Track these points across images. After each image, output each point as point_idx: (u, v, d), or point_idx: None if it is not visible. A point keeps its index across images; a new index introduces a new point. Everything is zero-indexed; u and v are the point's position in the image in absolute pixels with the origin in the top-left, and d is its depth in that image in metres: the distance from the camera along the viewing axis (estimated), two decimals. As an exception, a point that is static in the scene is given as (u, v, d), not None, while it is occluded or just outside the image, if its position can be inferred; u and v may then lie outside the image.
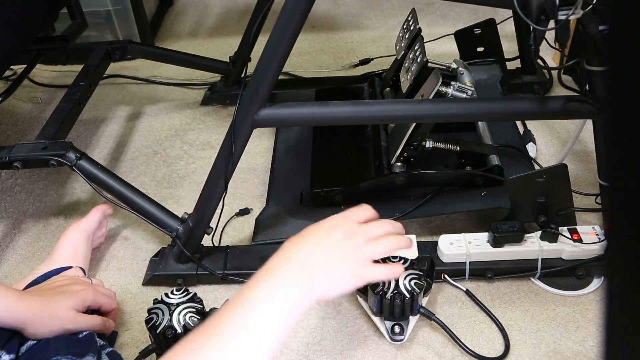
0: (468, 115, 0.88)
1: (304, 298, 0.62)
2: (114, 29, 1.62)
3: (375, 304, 0.82)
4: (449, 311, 0.87)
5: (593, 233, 0.89)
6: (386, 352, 0.82)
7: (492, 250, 0.88)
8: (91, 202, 1.12)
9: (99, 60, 1.22)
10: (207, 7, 1.89)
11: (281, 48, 0.75)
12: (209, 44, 1.67)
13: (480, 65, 1.24)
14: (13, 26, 1.00)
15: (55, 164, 0.91)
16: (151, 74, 1.52)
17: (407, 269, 0.83)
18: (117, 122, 1.36)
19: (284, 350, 0.83)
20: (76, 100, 1.07)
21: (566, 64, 0.85)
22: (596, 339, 0.82)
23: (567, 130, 1.21)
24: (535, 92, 1.30)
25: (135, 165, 1.22)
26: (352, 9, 1.79)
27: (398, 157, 0.96)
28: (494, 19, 1.20)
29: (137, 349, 0.82)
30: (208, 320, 0.58)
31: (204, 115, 1.36)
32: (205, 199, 0.87)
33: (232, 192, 1.10)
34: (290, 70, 1.48)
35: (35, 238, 1.06)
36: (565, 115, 0.86)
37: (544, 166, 1.09)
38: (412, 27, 1.05)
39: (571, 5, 0.66)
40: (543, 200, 0.89)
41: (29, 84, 1.48)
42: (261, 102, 0.79)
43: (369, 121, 1.03)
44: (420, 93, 0.92)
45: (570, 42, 1.06)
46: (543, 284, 0.90)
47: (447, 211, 0.98)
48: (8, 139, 1.32)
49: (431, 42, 1.30)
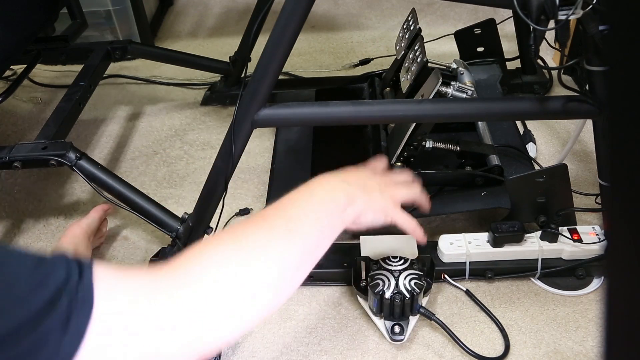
0: (468, 115, 0.88)
1: (344, 208, 0.63)
2: (114, 29, 1.62)
3: (375, 304, 0.82)
4: (449, 311, 0.87)
5: (593, 233, 0.89)
6: (386, 352, 0.82)
7: (492, 250, 0.88)
8: (91, 202, 1.12)
9: (99, 60, 1.22)
10: (207, 7, 1.89)
11: (281, 48, 0.75)
12: (209, 44, 1.67)
13: (480, 65, 1.24)
14: (13, 26, 1.00)
15: (55, 164, 0.91)
16: (151, 74, 1.52)
17: (407, 269, 0.84)
18: (117, 122, 1.36)
19: (283, 351, 0.83)
20: (76, 100, 1.07)
21: (566, 64, 0.85)
22: (596, 339, 0.82)
23: (567, 130, 1.21)
24: (535, 92, 1.30)
25: (135, 165, 1.22)
26: (352, 9, 1.79)
27: (398, 157, 0.96)
28: (494, 19, 1.20)
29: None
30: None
31: (204, 115, 1.36)
32: (205, 199, 0.87)
33: (232, 192, 1.10)
34: (290, 70, 1.48)
35: (35, 238, 1.06)
36: (565, 115, 0.86)
37: (544, 166, 1.09)
38: (412, 27, 1.05)
39: (571, 5, 0.66)
40: (543, 200, 0.89)
41: (29, 84, 1.48)
42: (261, 102, 0.79)
43: (369, 121, 1.03)
44: (420, 93, 0.92)
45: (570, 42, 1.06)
46: (543, 284, 0.90)
47: (447, 211, 0.98)
48: (8, 139, 1.32)
49: (431, 42, 1.30)
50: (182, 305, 0.45)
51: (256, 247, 0.53)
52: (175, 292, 0.46)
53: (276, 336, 0.86)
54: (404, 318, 0.82)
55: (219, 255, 0.51)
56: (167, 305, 0.45)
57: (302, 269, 0.57)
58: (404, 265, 0.84)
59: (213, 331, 0.47)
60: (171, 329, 0.44)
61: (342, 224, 0.64)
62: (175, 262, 0.49)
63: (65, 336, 0.38)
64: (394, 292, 0.80)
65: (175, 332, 0.44)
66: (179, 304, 0.45)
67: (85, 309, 0.40)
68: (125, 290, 0.43)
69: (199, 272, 0.48)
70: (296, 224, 0.57)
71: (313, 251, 0.58)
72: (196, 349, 0.46)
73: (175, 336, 0.45)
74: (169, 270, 0.48)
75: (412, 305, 0.81)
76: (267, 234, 0.55)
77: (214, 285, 0.48)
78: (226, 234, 0.58)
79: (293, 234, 0.56)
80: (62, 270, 0.40)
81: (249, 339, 0.85)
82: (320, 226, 0.60)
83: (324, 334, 0.85)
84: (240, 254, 0.51)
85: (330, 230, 0.62)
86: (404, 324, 0.81)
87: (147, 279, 0.46)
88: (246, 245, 0.53)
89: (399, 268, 0.84)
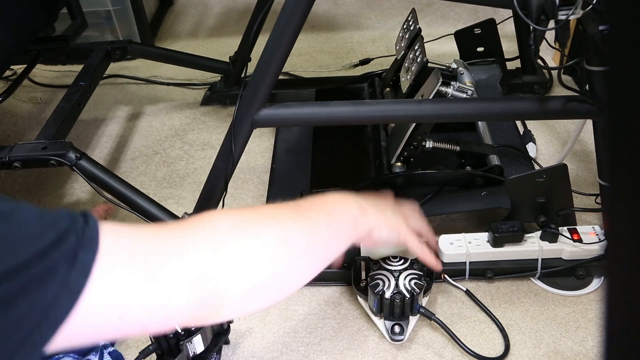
0: (468, 115, 0.88)
1: (358, 216, 0.64)
2: (114, 29, 1.62)
3: (375, 304, 0.82)
4: (449, 311, 0.87)
5: (593, 233, 0.88)
6: (386, 352, 0.82)
7: (492, 250, 0.88)
8: (91, 202, 1.12)
9: (99, 60, 1.22)
10: (207, 7, 1.89)
11: (281, 48, 0.75)
12: (209, 44, 1.67)
13: (480, 65, 1.24)
14: (13, 26, 1.00)
15: (55, 164, 0.91)
16: (151, 74, 1.52)
17: (407, 269, 0.84)
18: (117, 122, 1.36)
19: (283, 351, 0.83)
20: (76, 100, 1.07)
21: (566, 64, 0.85)
22: (596, 339, 0.82)
23: (567, 130, 1.21)
24: (535, 92, 1.30)
25: (135, 165, 1.22)
26: (352, 9, 1.79)
27: (398, 157, 0.96)
28: (494, 19, 1.20)
29: (137, 349, 0.82)
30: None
31: (204, 115, 1.36)
32: (205, 199, 0.88)
33: (232, 192, 1.10)
34: (290, 70, 1.48)
35: (35, 238, 1.06)
36: (565, 115, 0.86)
37: (544, 166, 1.09)
38: (412, 27, 1.05)
39: (571, 5, 0.66)
40: (543, 200, 0.89)
41: (29, 84, 1.48)
42: (261, 102, 0.79)
43: (369, 121, 1.03)
44: (420, 93, 0.92)
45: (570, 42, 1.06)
46: (543, 284, 0.90)
47: (447, 211, 0.98)
48: (8, 139, 1.32)
49: (431, 42, 1.30)
50: (187, 247, 0.47)
51: (263, 218, 0.54)
52: (181, 236, 0.47)
53: (276, 336, 0.86)
54: (404, 318, 0.82)
55: (228, 218, 0.52)
56: (172, 245, 0.46)
57: (310, 255, 0.56)
58: (404, 265, 0.84)
59: (220, 281, 0.48)
60: (177, 263, 0.45)
61: (355, 232, 0.64)
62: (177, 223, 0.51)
63: (72, 271, 0.39)
64: (394, 292, 0.80)
65: (180, 270, 0.45)
66: (185, 246, 0.47)
67: (91, 245, 0.40)
68: (128, 234, 0.44)
69: (208, 224, 0.50)
70: (306, 212, 0.58)
71: (323, 244, 0.58)
72: (203, 298, 0.46)
73: (181, 275, 0.45)
74: (172, 225, 0.50)
75: (412, 305, 0.81)
76: (273, 211, 0.56)
77: (222, 238, 0.49)
78: (234, 210, 0.59)
79: (301, 217, 0.57)
80: (67, 217, 0.41)
81: (249, 338, 0.85)
82: (331, 222, 0.60)
83: (324, 334, 0.85)
84: (248, 221, 0.53)
85: (343, 233, 0.62)
86: (404, 324, 0.81)
87: (151, 229, 0.47)
88: (253, 216, 0.54)
89: (399, 268, 0.84)
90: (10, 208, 0.39)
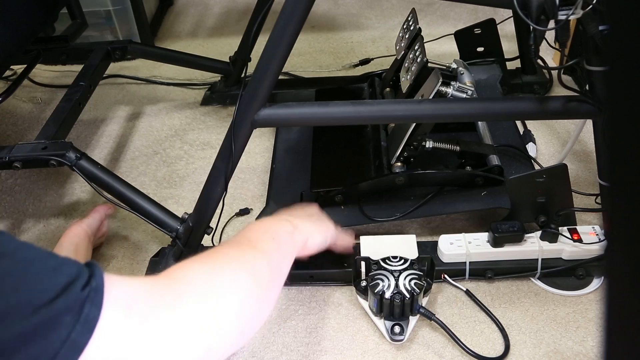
0: (468, 115, 0.88)
1: (292, 232, 0.69)
2: (114, 29, 1.62)
3: (375, 304, 0.82)
4: (449, 311, 0.87)
5: (593, 233, 0.89)
6: (386, 352, 0.82)
7: (492, 250, 0.88)
8: (91, 202, 1.12)
9: (99, 60, 1.22)
10: (207, 7, 1.89)
11: (281, 48, 0.75)
12: (209, 44, 1.67)
13: (480, 65, 1.24)
14: (13, 26, 1.00)
15: (55, 164, 0.91)
16: (151, 74, 1.52)
17: (407, 269, 0.84)
18: (117, 122, 1.36)
19: (283, 351, 0.83)
20: (76, 100, 1.07)
21: (566, 64, 0.85)
22: (596, 339, 0.82)
23: (567, 130, 1.21)
24: (535, 92, 1.30)
25: (135, 165, 1.22)
26: (352, 9, 1.79)
27: (398, 157, 0.96)
28: (494, 19, 1.20)
29: None
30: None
31: (204, 115, 1.36)
32: (205, 199, 0.87)
33: (232, 192, 1.10)
34: (290, 70, 1.48)
35: (36, 238, 1.06)
36: (565, 115, 0.86)
37: (544, 166, 1.09)
38: (412, 27, 1.05)
39: (571, 5, 0.66)
40: (543, 200, 0.89)
41: (29, 84, 1.48)
42: (261, 102, 0.79)
43: (369, 121, 1.03)
44: (420, 93, 0.92)
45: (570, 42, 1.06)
46: (543, 284, 0.90)
47: (447, 211, 0.98)
48: (8, 139, 1.32)
49: (431, 42, 1.30)
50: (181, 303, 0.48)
51: (231, 262, 0.57)
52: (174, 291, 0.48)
53: (276, 336, 0.86)
54: (404, 318, 0.82)
55: (199, 272, 0.53)
56: (168, 297, 0.47)
57: (274, 284, 0.61)
58: (404, 265, 0.84)
59: (214, 333, 0.49)
60: (171, 314, 0.46)
61: (294, 247, 0.69)
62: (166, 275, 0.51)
63: (77, 324, 0.38)
64: (394, 292, 0.80)
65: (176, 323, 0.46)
66: (179, 302, 0.48)
67: (97, 298, 0.40)
68: (127, 286, 0.44)
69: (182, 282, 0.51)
70: (258, 244, 0.62)
71: (279, 270, 0.63)
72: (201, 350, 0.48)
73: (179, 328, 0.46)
74: (162, 278, 0.50)
75: (412, 305, 0.81)
76: (235, 251, 0.59)
77: (202, 294, 0.51)
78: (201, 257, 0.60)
79: (258, 252, 0.60)
80: (73, 264, 0.41)
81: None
82: (278, 246, 0.64)
83: (324, 334, 0.85)
84: (219, 273, 0.55)
85: (288, 252, 0.67)
86: (404, 324, 0.81)
87: (147, 281, 0.48)
88: (221, 263, 0.57)
89: (399, 268, 0.84)
90: (16, 245, 0.38)
